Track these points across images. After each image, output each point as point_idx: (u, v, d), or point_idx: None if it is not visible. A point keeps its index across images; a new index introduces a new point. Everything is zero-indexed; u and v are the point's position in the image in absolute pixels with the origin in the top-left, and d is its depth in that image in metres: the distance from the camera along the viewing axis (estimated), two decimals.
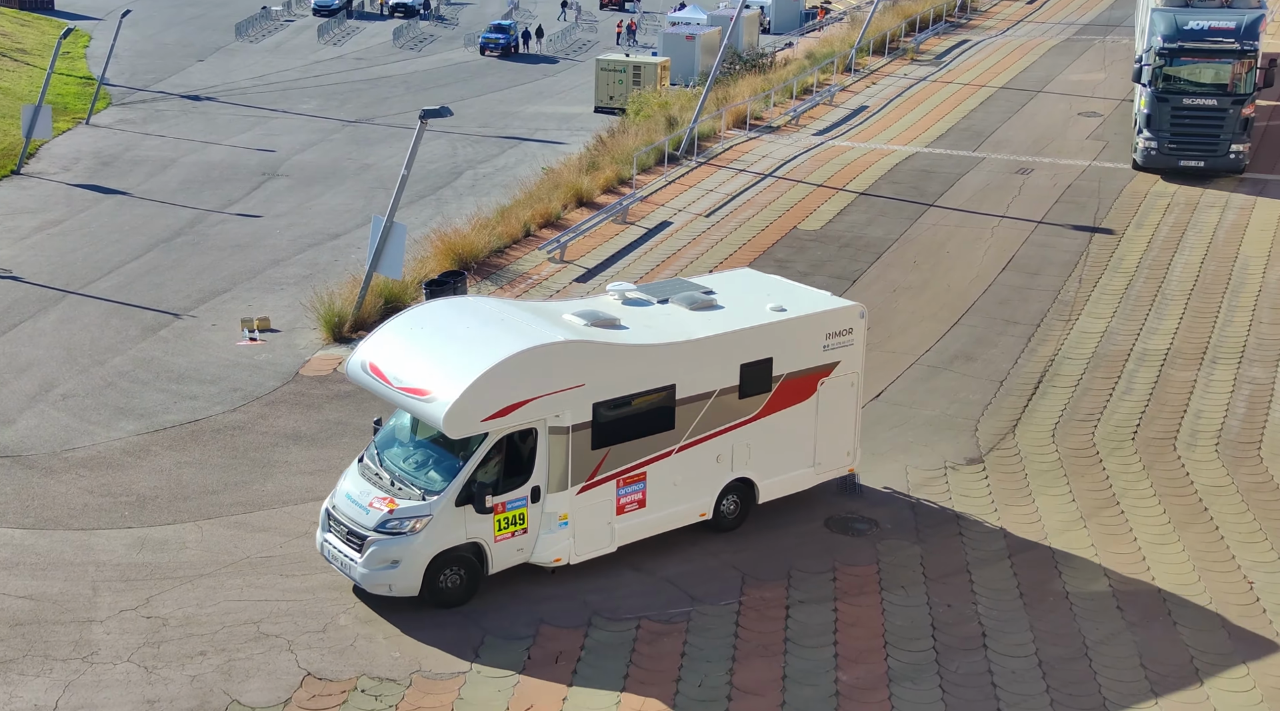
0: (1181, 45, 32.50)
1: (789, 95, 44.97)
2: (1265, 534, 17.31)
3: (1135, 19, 47.04)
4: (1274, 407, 21.14)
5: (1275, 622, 15.26)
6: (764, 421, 17.28)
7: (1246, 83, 32.49)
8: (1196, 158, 32.62)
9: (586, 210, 32.81)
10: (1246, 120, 32.66)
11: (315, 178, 40.08)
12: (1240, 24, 32.59)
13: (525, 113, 52.81)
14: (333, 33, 76.85)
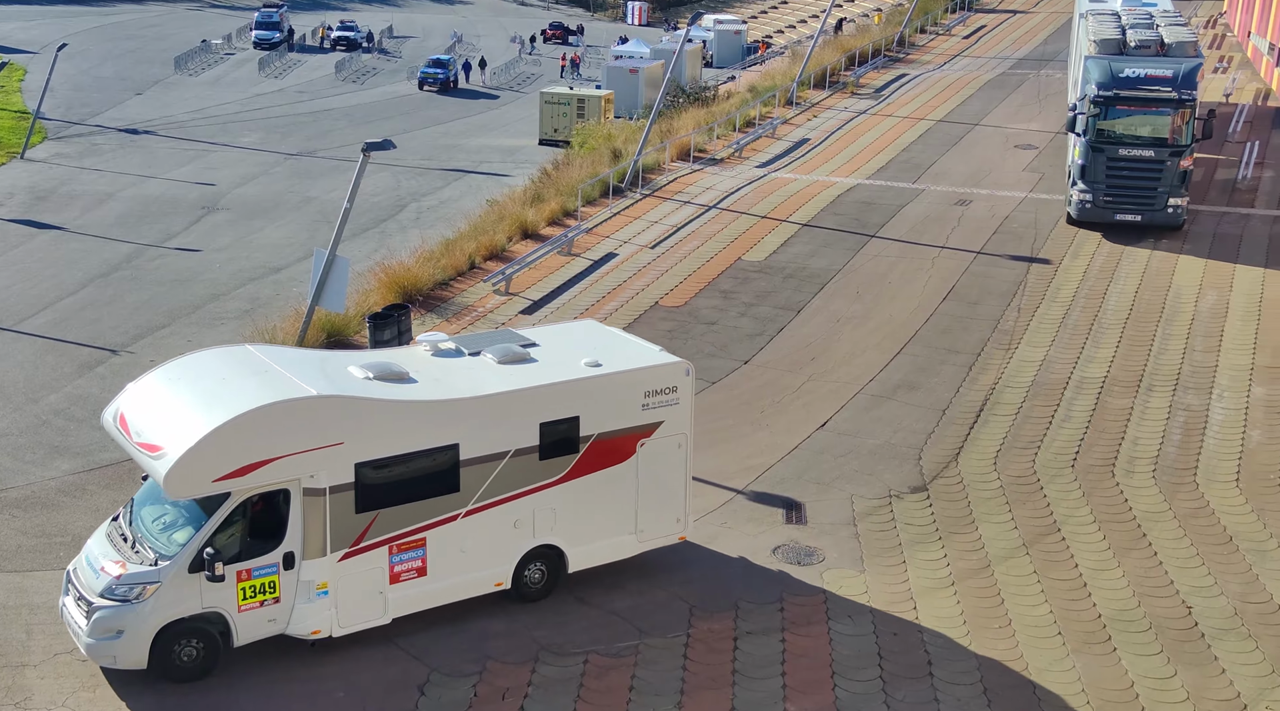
0: (1117, 93, 31.00)
1: (732, 128, 45.39)
2: (1202, 559, 17.59)
3: (1069, 66, 45.66)
4: (1209, 434, 21.55)
5: (1214, 647, 15.49)
6: (572, 484, 16.16)
7: (1185, 134, 30.89)
8: (1133, 211, 31.21)
9: (531, 242, 32.82)
10: (1185, 173, 31.14)
11: (256, 211, 39.74)
12: (1177, 73, 31.05)
13: (469, 145, 52.81)
14: (274, 66, 76.46)
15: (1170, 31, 33.33)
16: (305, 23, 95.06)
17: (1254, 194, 35.61)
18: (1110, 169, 31.28)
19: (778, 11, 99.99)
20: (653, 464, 16.68)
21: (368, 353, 17.48)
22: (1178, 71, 31.12)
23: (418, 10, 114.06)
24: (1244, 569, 17.29)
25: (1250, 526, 18.46)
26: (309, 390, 14.61)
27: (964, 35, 64.70)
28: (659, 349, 17.62)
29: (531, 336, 17.53)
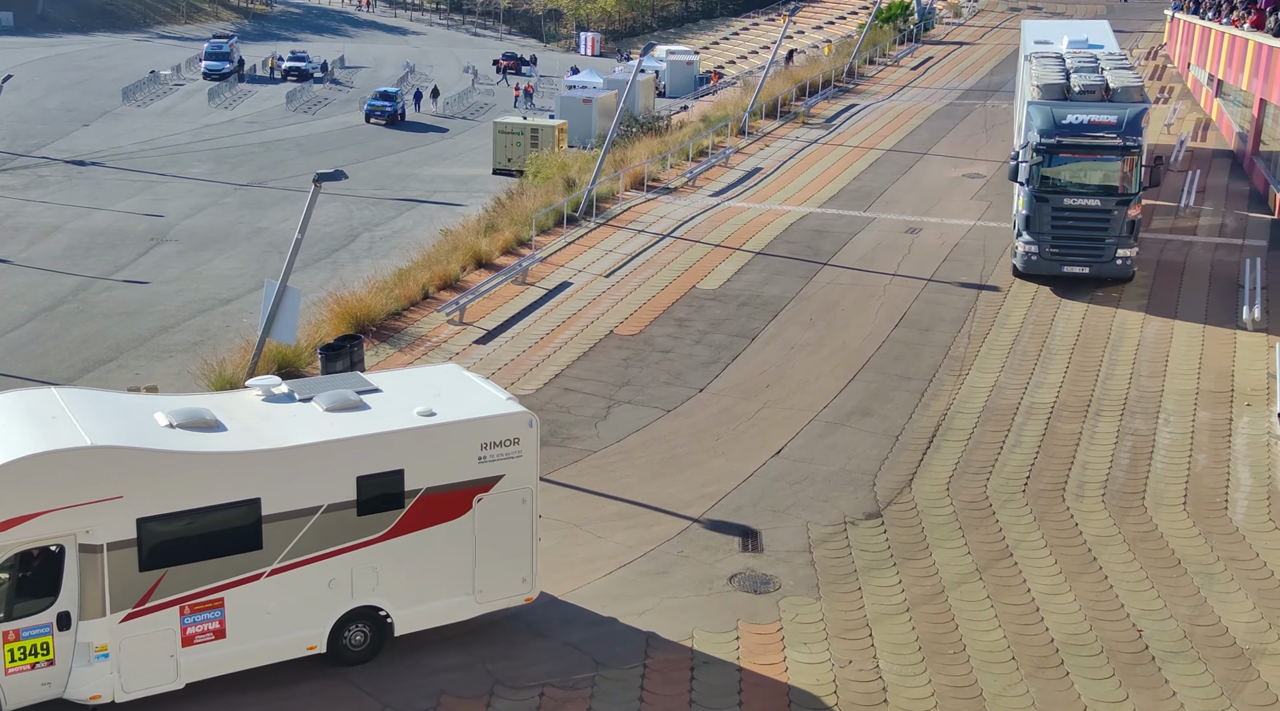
0: (1060, 141, 29.59)
1: (685, 157, 45.67)
2: (1151, 582, 17.80)
3: (1015, 109, 44.20)
4: (1156, 458, 21.86)
5: (1164, 669, 15.65)
6: (397, 542, 15.10)
7: (1132, 182, 29.47)
8: (1081, 263, 29.79)
9: (486, 272, 32.77)
10: (1133, 223, 29.66)
11: (206, 242, 39.39)
12: (1122, 118, 29.63)
13: (423, 175, 52.73)
14: (224, 96, 76.05)
15: (1115, 75, 32.25)
16: (255, 53, 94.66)
17: (1195, 221, 36.32)
18: (1056, 220, 29.79)
19: (729, 43, 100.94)
20: (492, 521, 15.67)
21: (183, 399, 16.31)
22: (1122, 117, 29.76)
23: (369, 40, 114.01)
24: (1192, 592, 17.51)
25: (1198, 549, 18.71)
26: (83, 440, 13.64)
27: (912, 66, 65.63)
28: (509, 397, 16.40)
29: (379, 382, 16.54)
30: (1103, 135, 29.46)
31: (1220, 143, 45.53)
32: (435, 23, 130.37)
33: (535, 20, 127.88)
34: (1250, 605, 17.08)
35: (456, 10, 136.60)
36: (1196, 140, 45.95)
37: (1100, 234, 29.66)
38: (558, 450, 22.20)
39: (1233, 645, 16.14)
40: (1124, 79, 31.84)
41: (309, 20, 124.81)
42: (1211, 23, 49.52)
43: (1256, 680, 15.38)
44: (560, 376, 25.64)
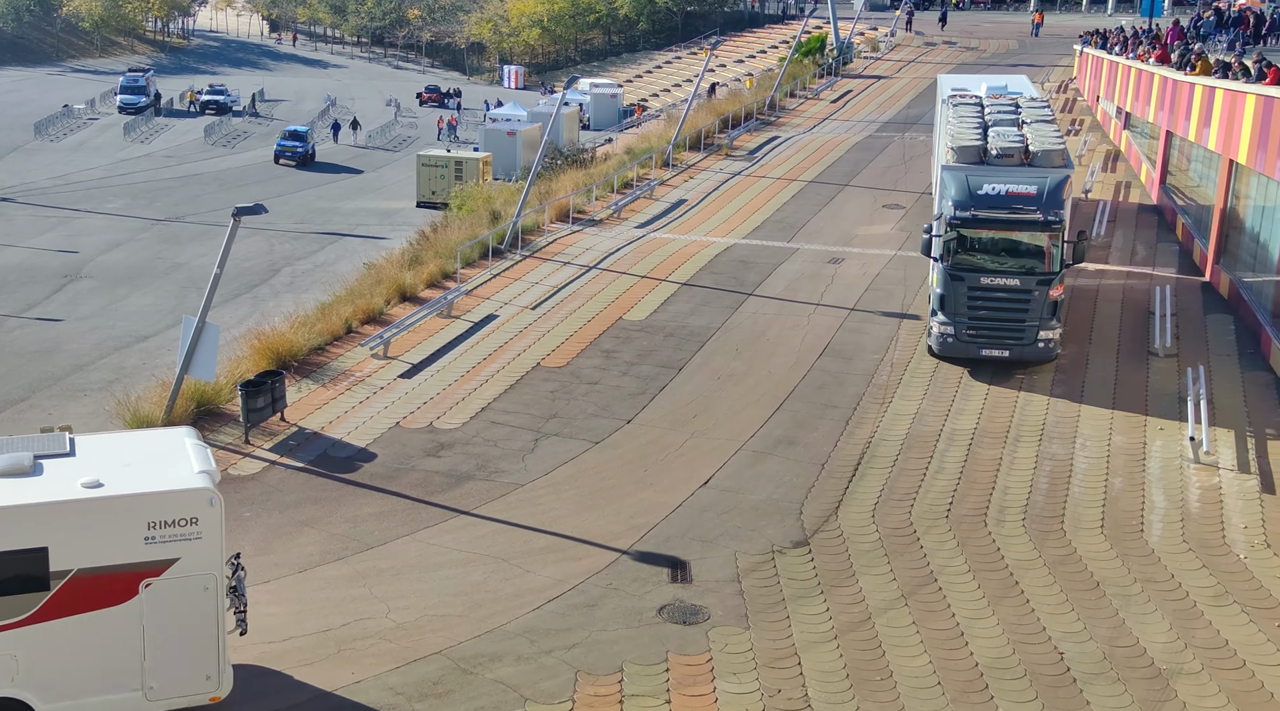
0: (974, 214, 26.67)
1: (610, 189, 45.87)
2: (1072, 605, 18.11)
3: (933, 160, 40.62)
4: (1073, 483, 22.30)
5: (1085, 691, 15.92)
6: (42, 627, 13.56)
7: (1054, 259, 26.59)
8: (1000, 346, 27.06)
9: (410, 305, 32.53)
10: (1055, 303, 26.83)
11: (122, 278, 38.65)
12: (1043, 188, 26.75)
13: (345, 208, 52.32)
14: (140, 131, 74.91)
15: (1037, 135, 29.41)
16: (172, 87, 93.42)
17: (1107, 251, 37.28)
18: (972, 300, 26.96)
19: (652, 76, 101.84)
20: (164, 609, 13.99)
21: None
22: (1043, 187, 26.80)
23: (290, 74, 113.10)
24: (1111, 613, 17.85)
25: (1115, 572, 19.09)
26: None
27: (832, 99, 66.72)
28: (205, 471, 14.56)
29: (84, 445, 15.07)
30: (1022, 208, 26.49)
31: (1129, 174, 46.87)
32: (356, 56, 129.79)
33: (458, 53, 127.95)
34: (1167, 626, 17.46)
35: (378, 44, 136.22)
36: (1107, 171, 47.26)
37: (1020, 316, 26.77)
38: (485, 484, 22.05)
39: (1151, 665, 16.47)
40: (1045, 140, 28.90)
41: (227, 54, 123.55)
42: (1119, 57, 51.09)
43: (1174, 699, 15.70)
44: (487, 410, 25.50)
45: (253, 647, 16.54)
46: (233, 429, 24.38)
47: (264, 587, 18.40)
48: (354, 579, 18.72)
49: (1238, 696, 15.70)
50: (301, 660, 16.37)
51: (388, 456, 23.29)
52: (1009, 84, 38.76)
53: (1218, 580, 18.67)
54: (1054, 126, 30.58)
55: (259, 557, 19.33)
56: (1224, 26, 51.52)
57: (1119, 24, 66.08)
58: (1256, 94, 29.14)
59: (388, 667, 16.16)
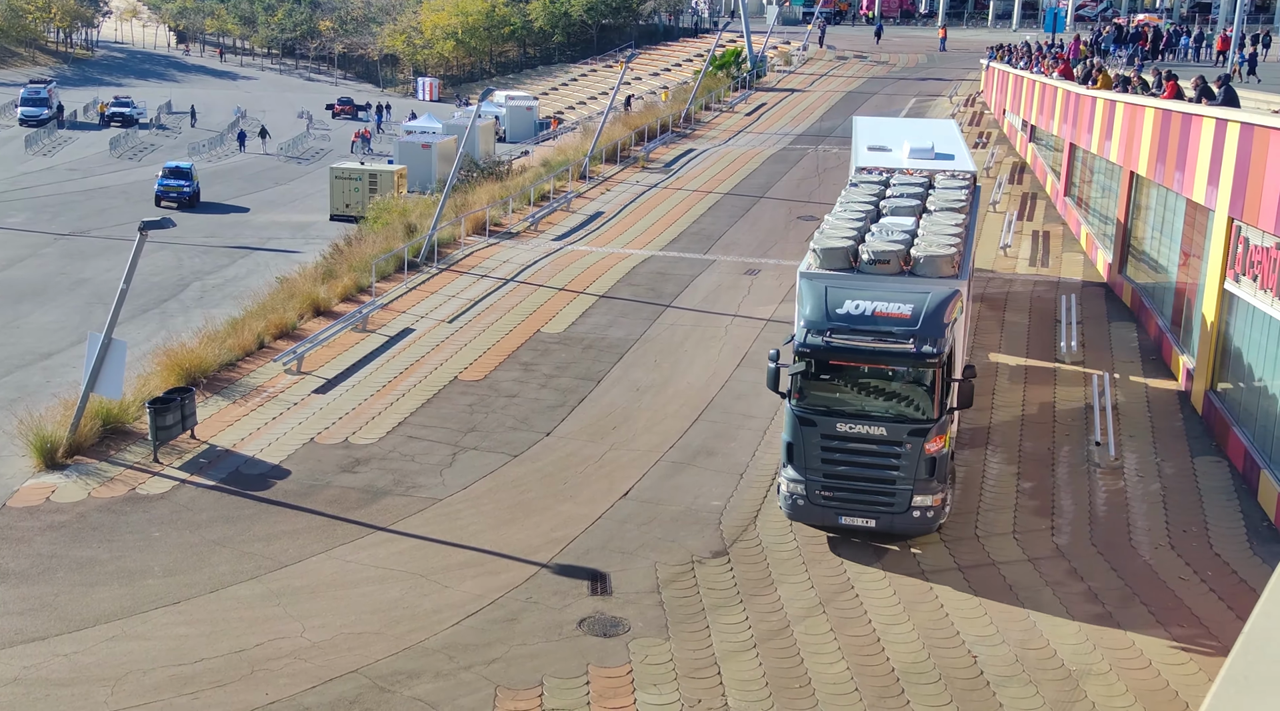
0: (829, 341, 19.44)
1: (527, 202, 45.78)
2: (985, 609, 18.44)
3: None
4: (985, 488, 22.73)
5: (998, 694, 16.20)
6: None
7: (930, 403, 19.29)
8: (863, 514, 19.76)
9: (325, 319, 32.10)
10: (935, 459, 19.42)
11: (24, 294, 37.55)
12: (920, 309, 19.57)
13: (256, 222, 51.46)
14: (42, 143, 73.00)
15: (930, 232, 22.23)
16: (76, 98, 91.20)
17: (1015, 260, 38.13)
18: (827, 452, 19.63)
19: (567, 89, 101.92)
20: None
21: None
22: (920, 307, 19.62)
23: (198, 85, 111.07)
24: (1022, 617, 18.20)
25: (1027, 576, 19.48)
26: None
27: (746, 112, 67.38)
28: None
29: None
30: (891, 335, 19.29)
31: (1035, 186, 48.02)
32: (267, 68, 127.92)
33: (371, 65, 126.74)
34: (1076, 627, 17.85)
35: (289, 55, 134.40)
36: (1013, 183, 48.37)
37: (888, 475, 19.49)
38: (402, 499, 21.80)
39: (1061, 667, 16.83)
40: (934, 242, 21.47)
41: (132, 65, 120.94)
42: (1024, 72, 52.36)
43: (1084, 700, 16.06)
44: (404, 424, 25.24)
45: (163, 671, 16.14)
46: (141, 447, 23.81)
47: (174, 608, 17.98)
48: (268, 598, 18.38)
49: (1145, 696, 16.11)
50: (214, 681, 16.02)
51: (302, 473, 22.92)
52: (936, 141, 31.32)
53: (1125, 582, 19.15)
54: (958, 216, 23.52)
55: (169, 578, 18.89)
56: (1124, 42, 53.11)
57: (1024, 39, 67.75)
58: (1155, 107, 30.07)
59: (303, 687, 15.88)
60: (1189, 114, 27.02)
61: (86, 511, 21.24)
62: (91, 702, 15.38)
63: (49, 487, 22.07)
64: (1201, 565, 19.59)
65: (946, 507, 20.25)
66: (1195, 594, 18.70)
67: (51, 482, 22.25)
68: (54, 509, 21.21)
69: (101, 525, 20.71)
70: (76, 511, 21.22)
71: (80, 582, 18.71)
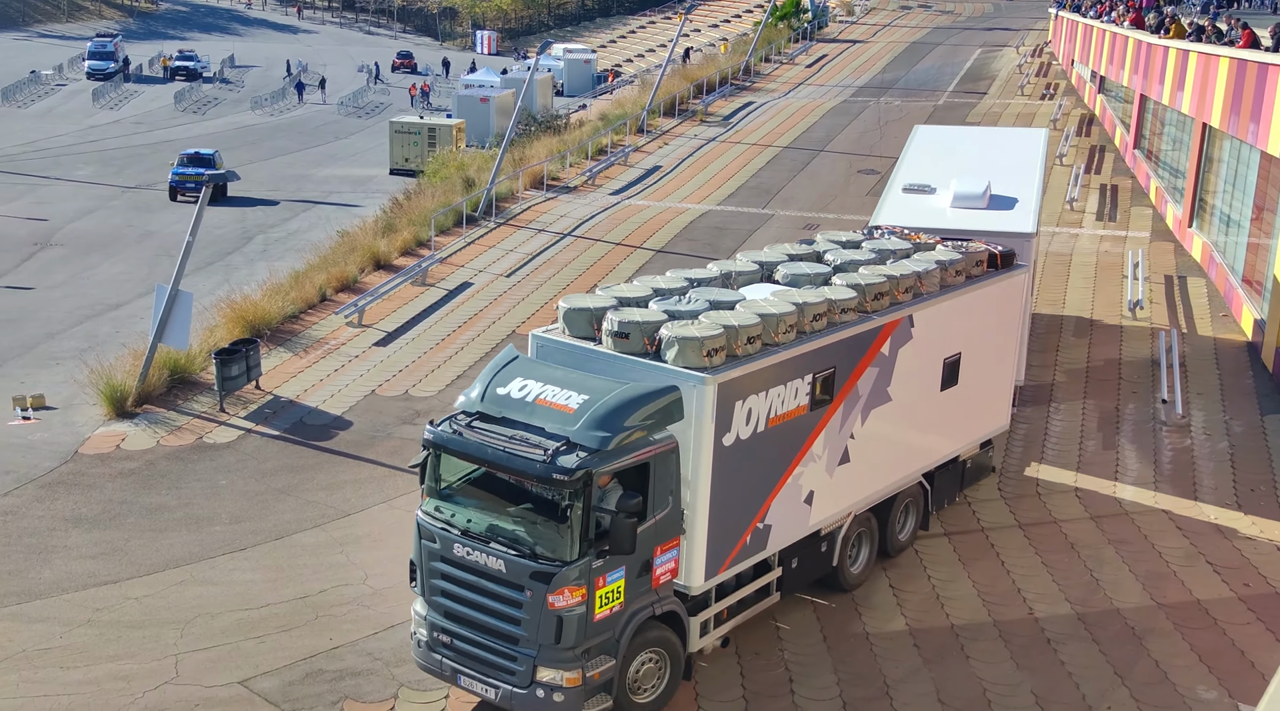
0: (457, 431, 13.69)
1: (584, 156, 45.65)
2: (1045, 567, 18.29)
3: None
4: (1048, 445, 22.45)
5: (1060, 652, 16.09)
6: None
7: (560, 541, 12.94)
8: (483, 678, 13.59)
9: (384, 273, 32.36)
10: (561, 621, 12.95)
11: (93, 246, 38.24)
12: (590, 409, 13.25)
13: (317, 176, 51.86)
14: (109, 97, 73.93)
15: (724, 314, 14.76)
16: (141, 52, 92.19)
17: (1081, 214, 37.42)
18: (445, 581, 13.81)
19: (626, 41, 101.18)
20: None
21: None
22: (594, 406, 13.28)
23: (260, 39, 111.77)
24: (1084, 575, 18.02)
25: (1089, 534, 19.26)
26: None
27: (807, 64, 66.50)
28: None
29: None
30: (525, 440, 13.18)
31: (1103, 138, 47.00)
32: (328, 21, 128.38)
33: (430, 18, 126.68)
34: (1139, 587, 17.65)
35: (349, 8, 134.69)
36: (1081, 136, 47.36)
37: (507, 631, 13.35)
38: None
39: (1123, 625, 16.66)
40: (706, 326, 14.24)
41: (196, 19, 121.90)
42: (1093, 21, 51.08)
43: (1146, 658, 15.90)
44: (462, 377, 25.43)
45: (230, 615, 16.52)
46: (207, 397, 24.25)
47: (240, 554, 18.36)
48: (331, 546, 18.69)
49: (1209, 655, 15.92)
50: (279, 626, 16.37)
51: (364, 424, 23.22)
52: (996, 177, 23.21)
53: (1190, 541, 18.88)
54: (826, 292, 15.88)
55: (235, 525, 19.28)
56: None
57: None
58: (1230, 57, 29.21)
59: (366, 633, 16.16)
60: (1265, 64, 26.20)
61: (155, 459, 21.71)
62: (161, 645, 15.78)
63: (119, 435, 22.56)
64: (1269, 524, 19.25)
65: (609, 699, 13.45)
66: (1262, 553, 18.40)
67: (121, 431, 22.74)
68: (124, 456, 21.68)
69: (170, 472, 21.16)
70: (146, 459, 21.68)
71: (150, 528, 19.15)
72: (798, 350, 15.02)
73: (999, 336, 19.50)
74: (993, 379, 19.54)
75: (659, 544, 13.73)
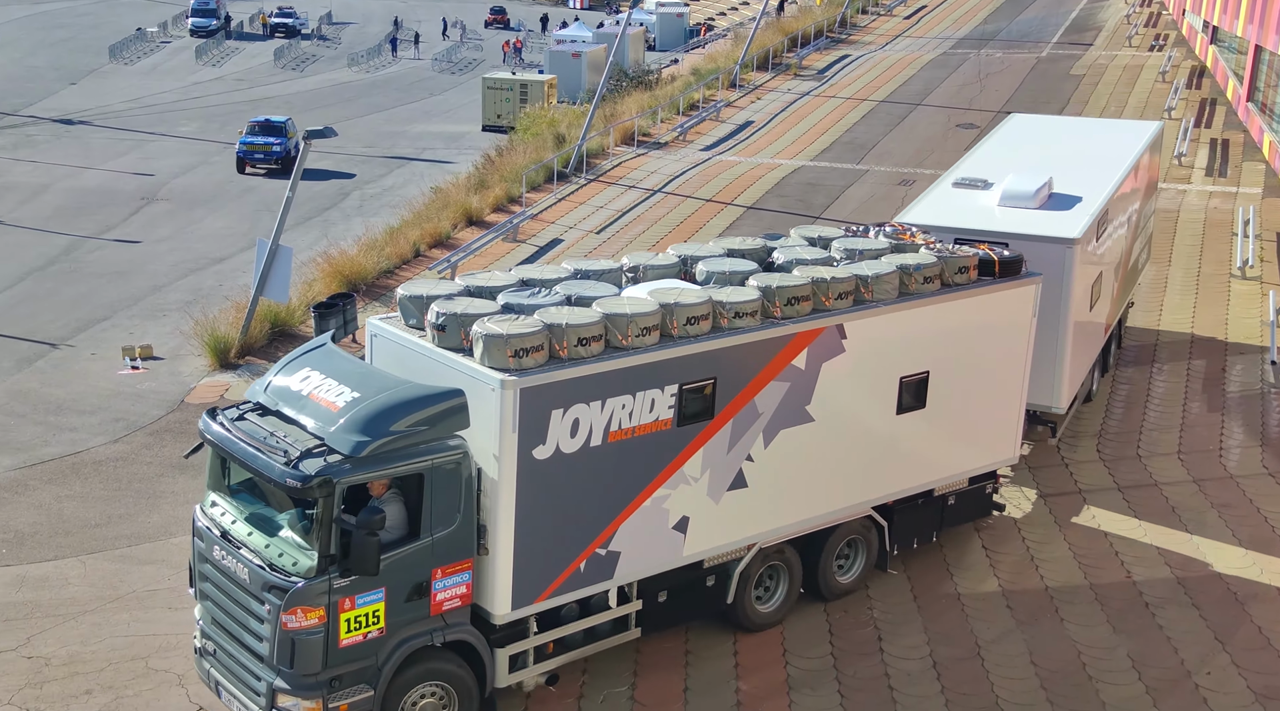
0: (219, 422, 12.71)
1: (676, 111, 45.39)
2: (1144, 531, 17.91)
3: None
4: (1150, 407, 21.93)
5: (1158, 616, 15.79)
6: None
7: (300, 553, 11.60)
8: (239, 695, 12.25)
9: (476, 229, 32.65)
10: (294, 645, 11.45)
11: (197, 201, 39.17)
12: (355, 405, 11.85)
13: (412, 132, 52.39)
14: (211, 54, 75.29)
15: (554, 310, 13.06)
16: (241, 9, 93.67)
17: (1190, 169, 36.21)
18: (204, 582, 12.78)
19: None
20: None
21: None
22: (360, 402, 11.90)
23: None
24: (1185, 539, 17.63)
25: (1191, 497, 18.81)
26: None
27: (905, 16, 65.11)
28: None
29: None
30: (280, 441, 11.92)
31: (1215, 90, 45.32)
32: None
33: None
34: (1242, 552, 17.22)
35: None
36: (1191, 88, 45.73)
37: (254, 646, 12.01)
38: None
39: (1225, 591, 16.28)
40: (526, 322, 12.51)
41: None
42: None
43: (1248, 624, 15.53)
44: None
45: None
46: None
47: None
48: None
49: None
50: None
51: None
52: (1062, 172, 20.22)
53: None
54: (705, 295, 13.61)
55: None
56: None
57: None
58: None
59: None
60: None
61: None
62: None
63: (223, 385, 23.19)
64: None
65: None
66: None
67: (225, 381, 23.37)
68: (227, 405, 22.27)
69: None
70: None
71: None
72: (651, 356, 12.83)
73: (995, 355, 16.33)
74: (986, 404, 16.43)
75: (440, 565, 11.97)
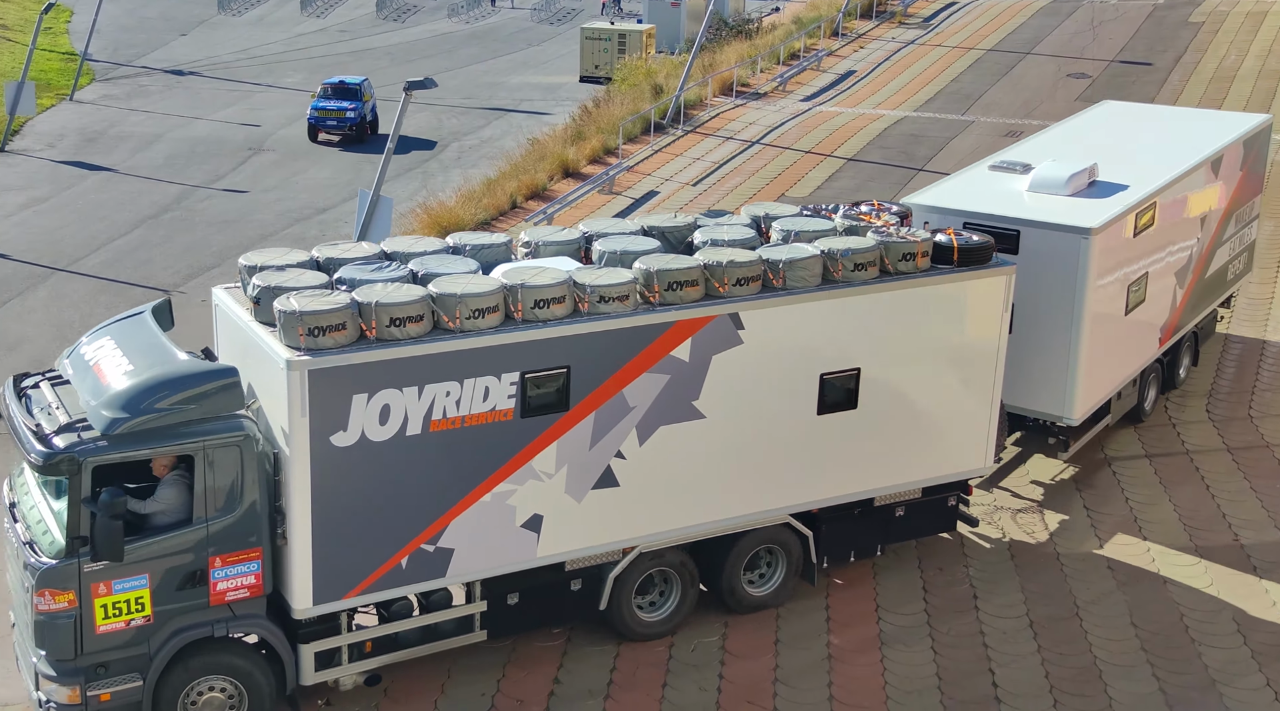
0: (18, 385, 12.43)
1: (776, 61, 44.81)
2: (1254, 493, 17.42)
3: None
4: (1263, 367, 21.23)
5: (1263, 581, 15.39)
6: None
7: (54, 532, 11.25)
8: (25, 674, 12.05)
9: (573, 181, 32.73)
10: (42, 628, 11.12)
11: (301, 152, 39.88)
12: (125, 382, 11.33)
13: (510, 83, 52.56)
14: (315, 4, 76.23)
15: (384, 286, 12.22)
16: None
17: None
18: (9, 557, 12.51)
19: None
20: None
21: None
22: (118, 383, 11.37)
23: None
24: None
25: None
26: None
27: None
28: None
29: None
30: (44, 413, 11.69)
31: None
32: None
33: None
34: None
35: None
36: None
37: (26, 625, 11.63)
38: None
39: None
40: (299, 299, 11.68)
41: None
42: None
43: None
44: None
45: None
46: None
47: None
48: None
49: None
50: None
51: None
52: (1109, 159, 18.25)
53: None
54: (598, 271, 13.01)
55: None
56: None
57: None
58: None
59: None
60: None
61: None
62: None
63: None
64: None
65: None
66: None
67: None
68: None
69: None
70: None
71: None
72: (480, 341, 11.91)
73: (955, 353, 14.60)
74: (942, 407, 14.72)
75: (220, 553, 11.39)
